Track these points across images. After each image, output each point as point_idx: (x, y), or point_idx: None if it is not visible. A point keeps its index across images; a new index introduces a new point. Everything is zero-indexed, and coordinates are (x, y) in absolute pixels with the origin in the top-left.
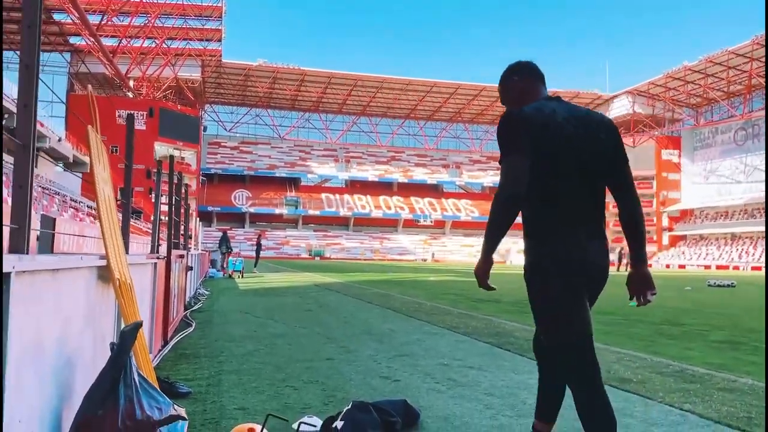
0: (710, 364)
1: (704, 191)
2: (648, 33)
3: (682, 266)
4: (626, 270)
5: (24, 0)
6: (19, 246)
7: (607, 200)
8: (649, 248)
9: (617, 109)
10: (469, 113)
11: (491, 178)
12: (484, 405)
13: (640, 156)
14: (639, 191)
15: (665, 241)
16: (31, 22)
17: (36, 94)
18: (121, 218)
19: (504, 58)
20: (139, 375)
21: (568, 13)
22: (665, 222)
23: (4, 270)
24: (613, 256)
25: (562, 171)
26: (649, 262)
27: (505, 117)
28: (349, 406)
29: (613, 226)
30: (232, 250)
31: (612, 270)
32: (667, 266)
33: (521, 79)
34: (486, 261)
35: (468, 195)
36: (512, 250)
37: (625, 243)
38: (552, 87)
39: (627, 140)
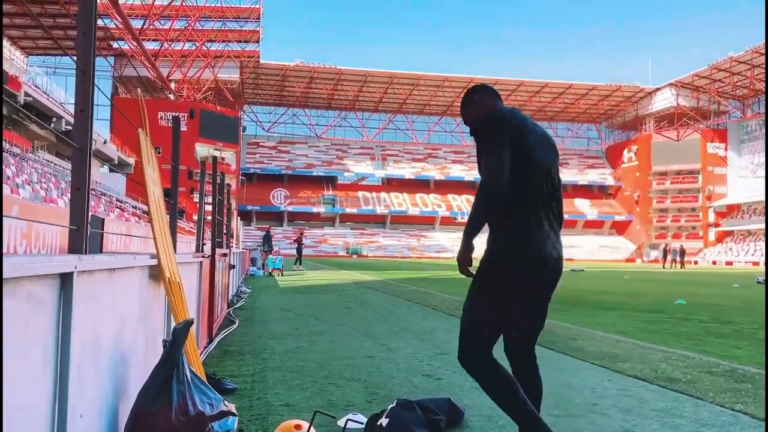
0: (761, 363)
1: (752, 185)
2: (691, 24)
3: (729, 263)
4: (671, 267)
5: (79, 9)
6: (78, 246)
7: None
8: (695, 244)
9: (660, 102)
10: None
11: None
12: None
13: (685, 150)
14: (684, 185)
15: (711, 236)
16: (87, 30)
17: (92, 100)
18: (168, 218)
19: (539, 52)
20: (191, 371)
21: (607, 4)
22: (711, 217)
23: (67, 270)
24: (656, 253)
25: (535, 174)
26: (695, 259)
27: (486, 115)
28: (394, 404)
29: (657, 222)
30: (272, 248)
31: (657, 267)
32: (714, 263)
33: (481, 96)
34: (468, 248)
35: None
36: None
37: (668, 240)
38: (592, 81)
39: (671, 134)
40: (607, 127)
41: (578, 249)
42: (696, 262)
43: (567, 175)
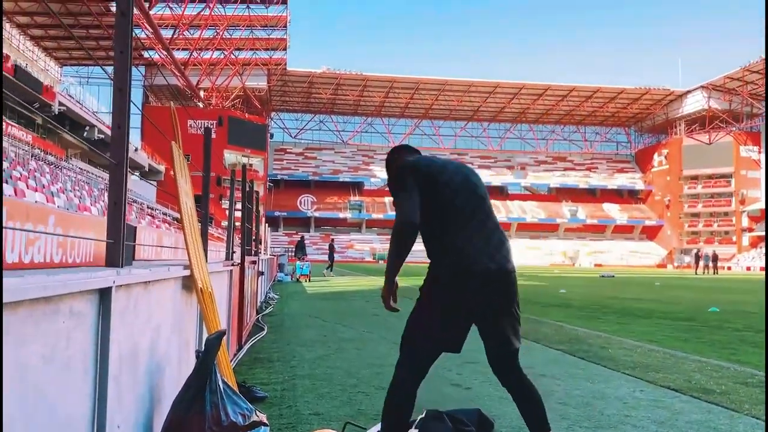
0: None
1: None
2: (722, 25)
3: (763, 268)
4: (704, 273)
5: (116, 28)
6: (115, 259)
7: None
8: (729, 250)
9: (691, 105)
10: (533, 113)
11: (558, 179)
12: (560, 415)
13: (717, 153)
14: (716, 189)
15: (745, 242)
16: (123, 48)
17: (129, 116)
18: (200, 227)
19: (566, 56)
20: (223, 382)
21: (636, 5)
22: (745, 222)
23: (106, 285)
24: (687, 258)
25: (455, 199)
26: (728, 264)
27: (399, 167)
28: (423, 415)
29: (688, 227)
30: (306, 255)
31: (689, 272)
32: (748, 269)
33: (394, 157)
34: (391, 286)
35: (534, 197)
36: (581, 253)
37: (700, 245)
38: (621, 84)
39: (702, 137)
40: (636, 130)
41: (608, 254)
42: (729, 268)
43: (596, 179)
